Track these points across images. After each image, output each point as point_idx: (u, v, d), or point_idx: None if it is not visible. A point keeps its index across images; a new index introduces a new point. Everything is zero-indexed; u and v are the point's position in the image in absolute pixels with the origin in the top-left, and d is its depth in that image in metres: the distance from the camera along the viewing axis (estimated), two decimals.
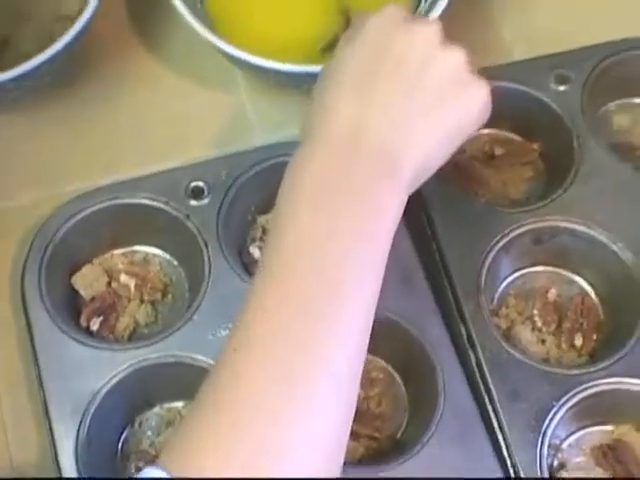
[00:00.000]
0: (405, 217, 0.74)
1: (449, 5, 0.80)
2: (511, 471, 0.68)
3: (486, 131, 0.83)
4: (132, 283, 0.75)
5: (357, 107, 0.60)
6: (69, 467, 0.67)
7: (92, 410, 0.68)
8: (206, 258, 0.73)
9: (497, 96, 0.80)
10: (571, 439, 0.71)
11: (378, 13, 0.63)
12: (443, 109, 0.62)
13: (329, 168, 0.59)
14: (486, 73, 0.80)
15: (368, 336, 0.58)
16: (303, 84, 0.81)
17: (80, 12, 0.78)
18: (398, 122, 0.60)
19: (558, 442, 0.71)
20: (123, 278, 0.75)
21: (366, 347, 0.58)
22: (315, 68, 0.76)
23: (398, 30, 0.62)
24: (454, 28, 0.84)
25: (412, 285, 0.73)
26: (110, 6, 0.82)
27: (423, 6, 0.82)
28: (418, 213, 0.76)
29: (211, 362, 0.69)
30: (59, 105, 0.84)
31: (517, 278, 0.77)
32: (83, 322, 0.73)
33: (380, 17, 0.63)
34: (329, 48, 0.78)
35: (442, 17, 0.79)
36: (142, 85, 0.85)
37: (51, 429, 0.68)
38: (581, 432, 0.72)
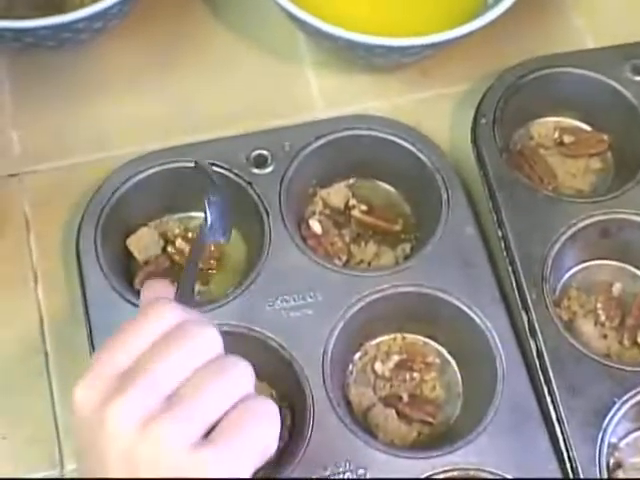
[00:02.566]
0: (470, 204, 0.74)
1: None
2: (568, 466, 0.66)
3: (554, 119, 0.81)
4: (188, 249, 0.74)
5: None
6: None
7: None
8: (267, 227, 0.71)
9: (567, 83, 0.80)
10: (629, 438, 0.69)
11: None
12: None
13: None
14: (557, 59, 0.80)
15: None
16: (374, 59, 0.79)
17: None
18: None
19: (616, 440, 0.68)
20: (179, 243, 0.74)
21: None
22: (389, 41, 0.74)
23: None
24: (527, 14, 0.84)
25: (475, 271, 0.71)
26: None
27: None
28: (484, 200, 0.75)
29: (267, 333, 0.67)
30: (120, 66, 0.82)
31: (581, 270, 0.75)
32: (137, 285, 0.72)
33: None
34: None
35: (514, 4, 0.78)
36: (207, 52, 0.83)
37: None
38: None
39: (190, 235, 0.74)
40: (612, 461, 0.68)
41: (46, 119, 0.79)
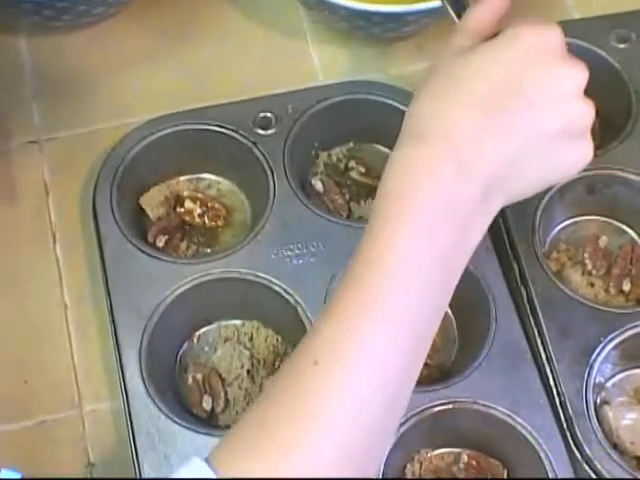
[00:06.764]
0: None
1: None
2: (557, 400, 0.70)
3: None
4: (196, 209, 0.78)
5: (479, 131, 0.59)
6: (133, 374, 0.69)
7: (155, 319, 0.71)
8: (271, 183, 0.75)
9: None
10: (615, 379, 0.73)
11: (536, 34, 0.61)
12: (552, 161, 0.61)
13: (439, 185, 0.58)
14: None
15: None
16: (372, 29, 0.84)
17: None
18: (511, 163, 0.60)
19: (603, 380, 0.72)
20: (188, 204, 0.78)
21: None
22: (386, 8, 0.79)
23: (549, 65, 0.60)
24: None
25: None
26: None
27: None
28: None
29: (272, 279, 0.72)
30: (134, 42, 0.87)
31: (569, 225, 0.80)
32: (150, 238, 0.76)
33: (536, 40, 0.60)
34: None
35: None
36: (216, 29, 0.88)
37: (116, 336, 0.71)
38: (625, 373, 0.74)
39: (200, 196, 0.79)
40: (599, 399, 0.72)
41: (64, 90, 0.84)
